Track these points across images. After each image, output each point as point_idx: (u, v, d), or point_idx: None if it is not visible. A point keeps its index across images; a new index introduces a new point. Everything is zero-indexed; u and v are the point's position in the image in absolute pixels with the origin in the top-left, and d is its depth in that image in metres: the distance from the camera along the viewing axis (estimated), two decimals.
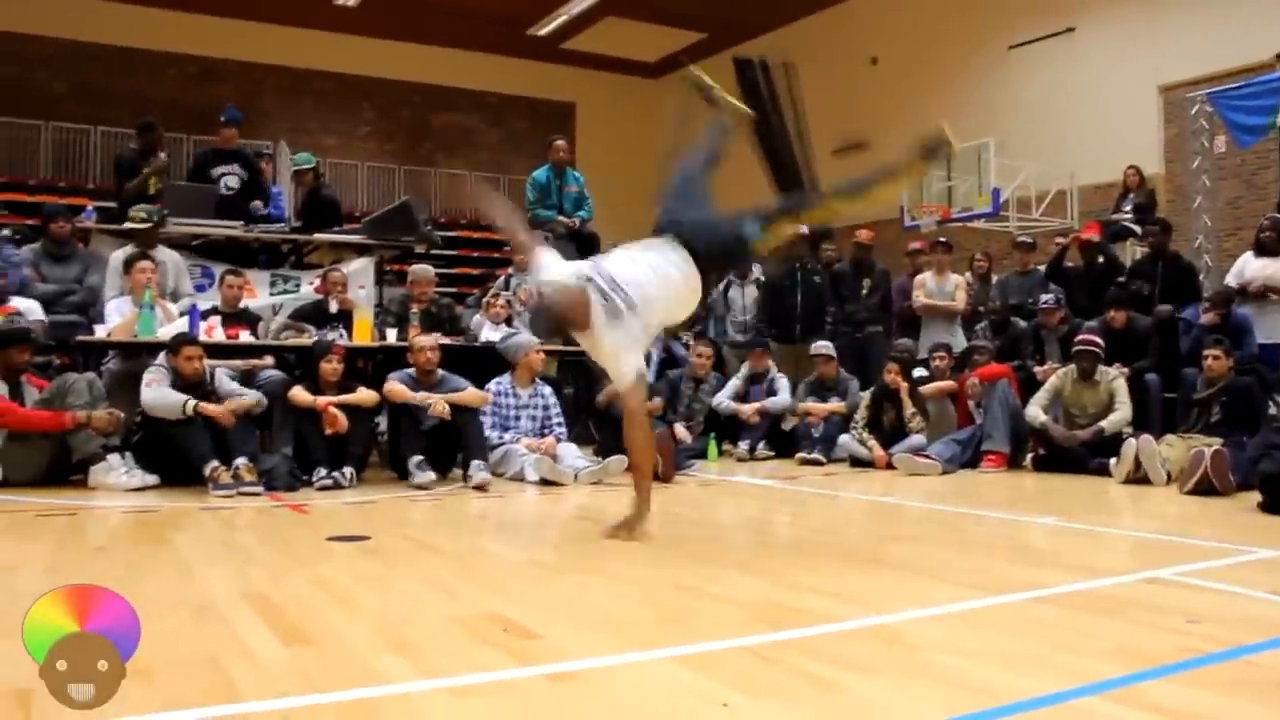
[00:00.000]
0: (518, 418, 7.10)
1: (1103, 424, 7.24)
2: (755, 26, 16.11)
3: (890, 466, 7.48)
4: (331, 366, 6.42)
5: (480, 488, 6.10)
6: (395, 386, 6.49)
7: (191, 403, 5.84)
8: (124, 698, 2.11)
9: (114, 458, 5.94)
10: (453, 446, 6.53)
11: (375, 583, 3.42)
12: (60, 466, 6.12)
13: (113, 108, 15.52)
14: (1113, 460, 6.83)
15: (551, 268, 4.40)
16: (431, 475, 6.21)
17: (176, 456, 5.90)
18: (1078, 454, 7.23)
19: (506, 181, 17.49)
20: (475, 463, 6.29)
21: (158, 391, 5.89)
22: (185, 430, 5.86)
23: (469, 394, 6.61)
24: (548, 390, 7.29)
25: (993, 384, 7.73)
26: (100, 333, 6.84)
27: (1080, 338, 7.60)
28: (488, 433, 6.99)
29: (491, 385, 7.11)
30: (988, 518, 5.25)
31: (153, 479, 5.91)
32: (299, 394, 6.31)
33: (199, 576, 3.48)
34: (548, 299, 4.32)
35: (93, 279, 7.72)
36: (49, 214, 8.00)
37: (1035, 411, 7.45)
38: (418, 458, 6.27)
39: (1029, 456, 7.64)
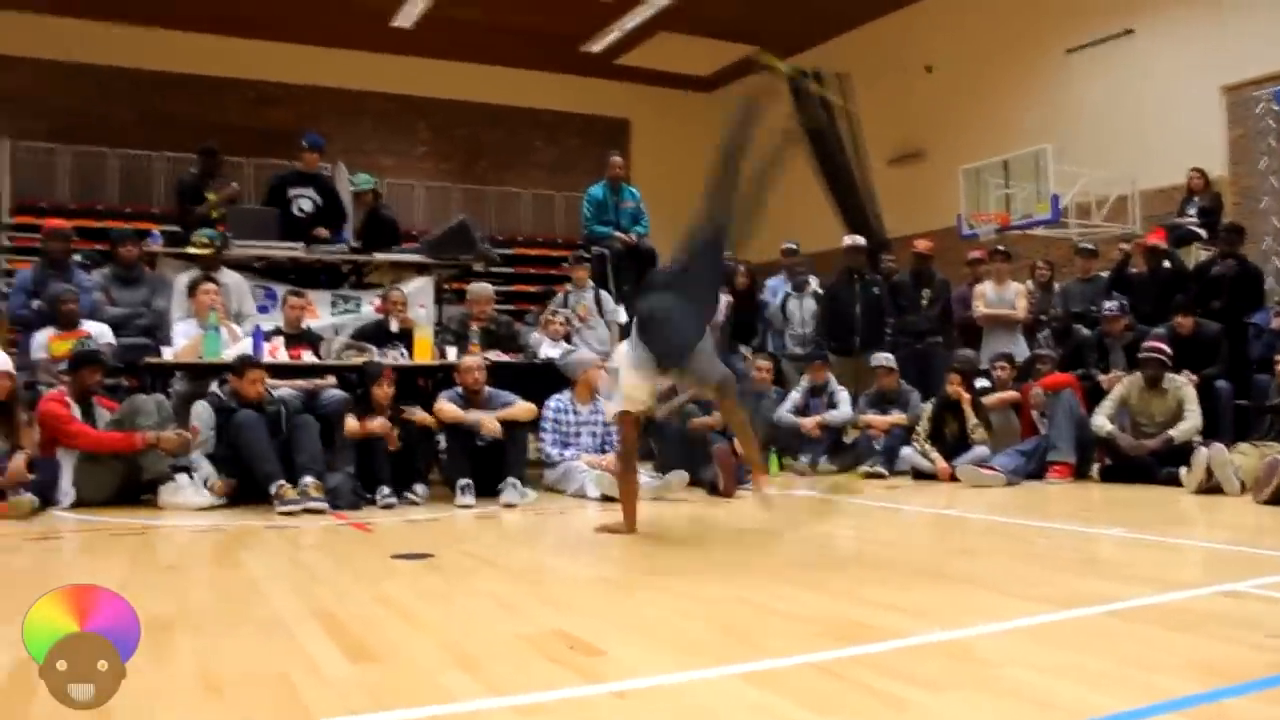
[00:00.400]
0: (578, 434, 7.12)
1: (1172, 433, 7.10)
2: (808, 38, 16.06)
3: (954, 478, 7.39)
4: (383, 390, 6.51)
5: (509, 506, 6.14)
6: (445, 406, 6.55)
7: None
8: (196, 714, 2.15)
9: (182, 477, 6.05)
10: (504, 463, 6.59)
11: (439, 600, 3.44)
12: (131, 486, 6.25)
13: (176, 133, 15.80)
14: (1183, 470, 6.69)
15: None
16: (471, 500, 6.22)
17: (247, 473, 6.02)
18: (1146, 464, 7.09)
19: (562, 198, 17.59)
20: (510, 480, 6.34)
21: None
22: (254, 448, 5.96)
23: (518, 409, 6.68)
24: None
25: (1057, 394, 7.61)
26: (167, 355, 6.97)
27: (1146, 344, 7.46)
28: (548, 449, 7.02)
29: (551, 402, 7.15)
30: (1055, 530, 5.16)
31: (218, 499, 6.00)
32: (351, 424, 6.41)
33: (267, 594, 3.52)
34: None
35: (159, 302, 7.87)
36: (117, 239, 8.18)
37: (1101, 421, 7.33)
38: (464, 481, 6.31)
39: (1095, 467, 7.50)
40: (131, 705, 2.19)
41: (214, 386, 6.74)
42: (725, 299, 9.63)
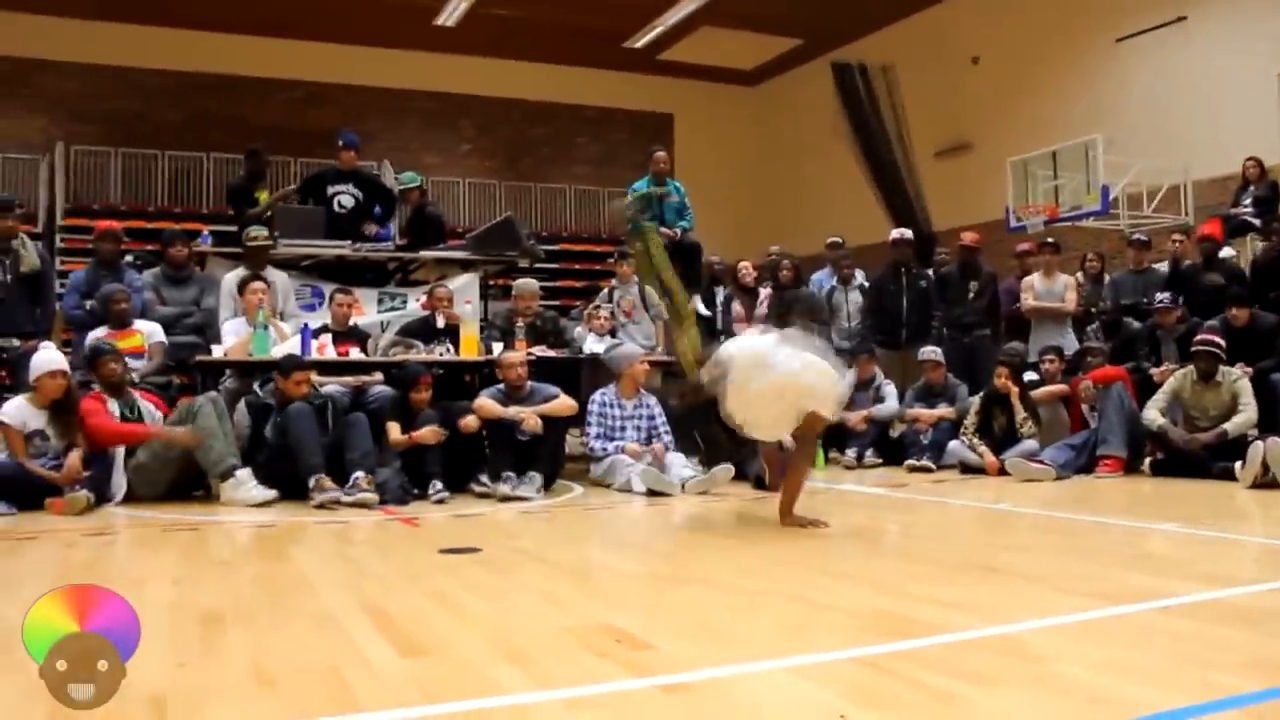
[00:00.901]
0: (623, 428, 7.12)
1: (1226, 426, 6.97)
2: (853, 30, 15.95)
3: (1003, 472, 7.31)
4: (420, 396, 6.61)
5: (522, 499, 6.19)
6: (486, 402, 6.60)
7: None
8: (250, 707, 2.18)
9: (243, 473, 6.12)
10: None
11: (487, 594, 3.46)
12: (183, 483, 6.37)
13: (223, 134, 16.01)
14: (1238, 464, 6.57)
15: None
16: (509, 490, 6.27)
17: (293, 471, 6.11)
18: (1199, 458, 6.97)
19: (606, 194, 17.60)
20: (530, 474, 6.38)
21: None
22: (302, 440, 6.10)
23: (558, 404, 6.71)
24: (653, 401, 7.30)
25: (1107, 387, 7.51)
26: (217, 353, 7.06)
27: (1200, 337, 7.34)
28: (593, 443, 7.04)
29: (596, 396, 7.16)
30: (1106, 524, 5.09)
31: (273, 493, 6.09)
32: (395, 434, 6.49)
33: (317, 589, 3.56)
34: None
35: (209, 301, 7.97)
36: (167, 239, 8.29)
37: (1153, 415, 7.22)
38: (507, 473, 6.36)
39: (1146, 461, 7.39)
40: (185, 698, 2.23)
41: (255, 386, 6.80)
42: (767, 291, 9.61)
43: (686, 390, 6.34)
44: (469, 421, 6.54)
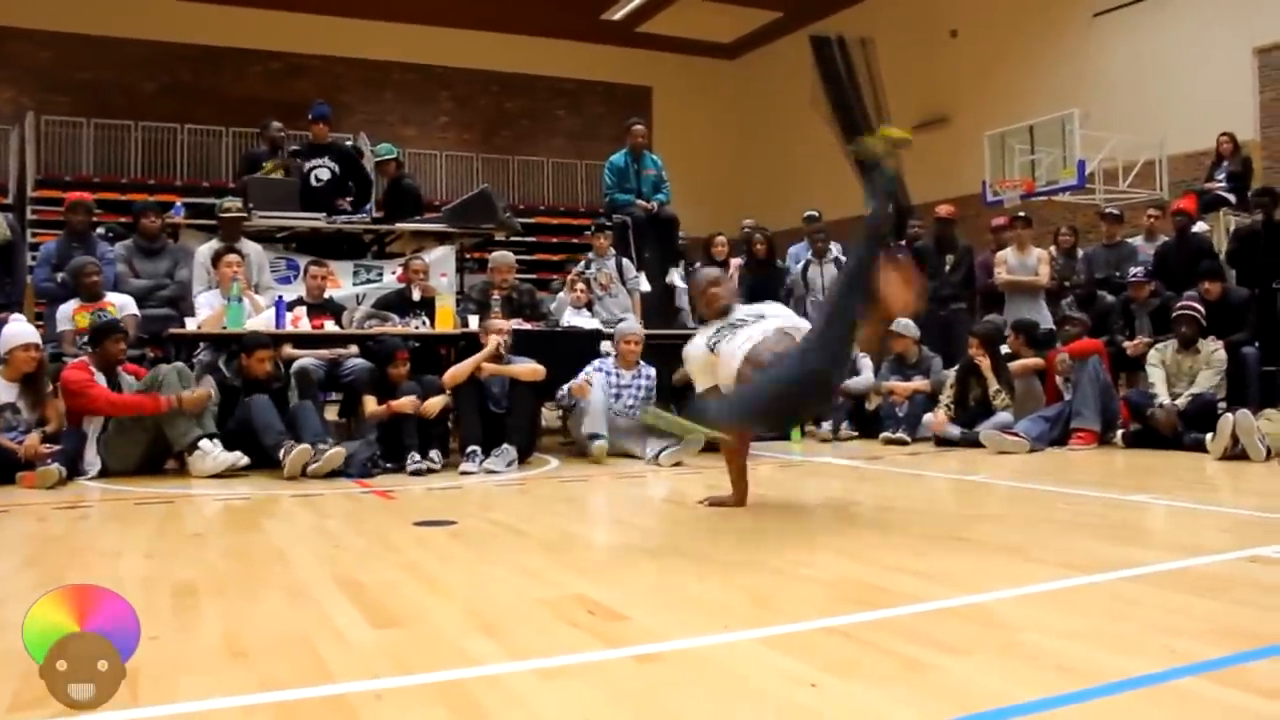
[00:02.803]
0: (618, 395, 7.23)
1: (1194, 390, 7.08)
2: (831, 3, 15.92)
3: (956, 442, 7.39)
4: (398, 370, 6.60)
5: (490, 472, 6.19)
6: (455, 368, 6.60)
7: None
8: (222, 678, 2.18)
9: (206, 443, 6.09)
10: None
11: (461, 566, 3.47)
12: (155, 456, 6.34)
13: (199, 106, 15.91)
14: (1208, 436, 6.64)
15: None
16: (475, 467, 6.26)
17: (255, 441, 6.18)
18: (1175, 432, 7.04)
19: (584, 167, 17.55)
20: (505, 447, 6.39)
21: None
22: (264, 425, 6.16)
23: (524, 366, 6.71)
24: (651, 372, 7.43)
25: (1084, 360, 7.55)
26: (191, 325, 7.01)
27: (1181, 304, 7.41)
28: (568, 385, 7.17)
29: (595, 362, 7.34)
30: (1079, 496, 5.14)
31: (241, 456, 6.08)
32: (371, 406, 6.49)
33: (291, 561, 3.55)
34: None
35: (182, 273, 7.91)
36: (139, 210, 8.21)
37: (1164, 398, 7.23)
38: (471, 448, 6.36)
39: (1119, 434, 7.45)
40: (157, 670, 2.22)
41: (220, 363, 6.77)
42: (737, 262, 9.61)
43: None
44: (428, 406, 6.47)
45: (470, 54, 17.87)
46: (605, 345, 7.66)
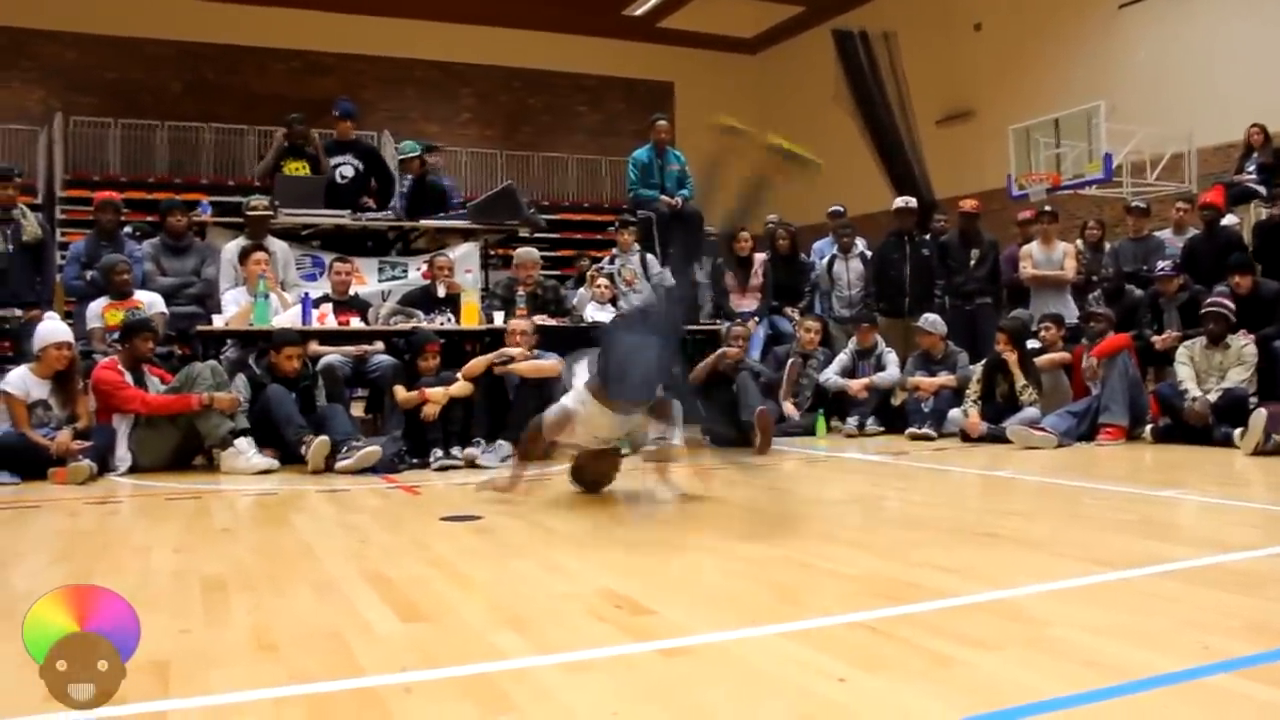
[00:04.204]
0: None
1: (1226, 383, 7.00)
2: None
3: (989, 438, 7.34)
4: (428, 364, 6.61)
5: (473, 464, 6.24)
6: (473, 362, 6.63)
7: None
8: (252, 671, 2.19)
9: (241, 442, 6.14)
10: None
11: (489, 561, 3.47)
12: (185, 452, 6.38)
13: (223, 105, 16.00)
14: (1238, 431, 6.58)
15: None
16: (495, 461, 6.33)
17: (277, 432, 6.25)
18: (1205, 426, 6.98)
19: (606, 163, 17.54)
20: (499, 443, 6.42)
21: None
22: (280, 416, 6.24)
23: (543, 363, 6.69)
24: None
25: (1112, 359, 7.48)
26: (218, 323, 7.06)
27: (1211, 300, 7.34)
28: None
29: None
30: (1107, 491, 5.10)
31: (274, 462, 6.11)
32: (402, 393, 6.50)
33: (319, 556, 3.58)
34: None
35: (209, 270, 7.96)
36: (166, 209, 8.26)
37: (1191, 386, 7.16)
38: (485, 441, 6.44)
39: (1147, 428, 7.39)
40: (188, 663, 2.24)
41: (250, 360, 6.82)
42: (762, 257, 9.58)
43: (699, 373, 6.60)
44: (457, 389, 6.48)
45: (491, 51, 17.89)
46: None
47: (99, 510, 4.90)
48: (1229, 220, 9.27)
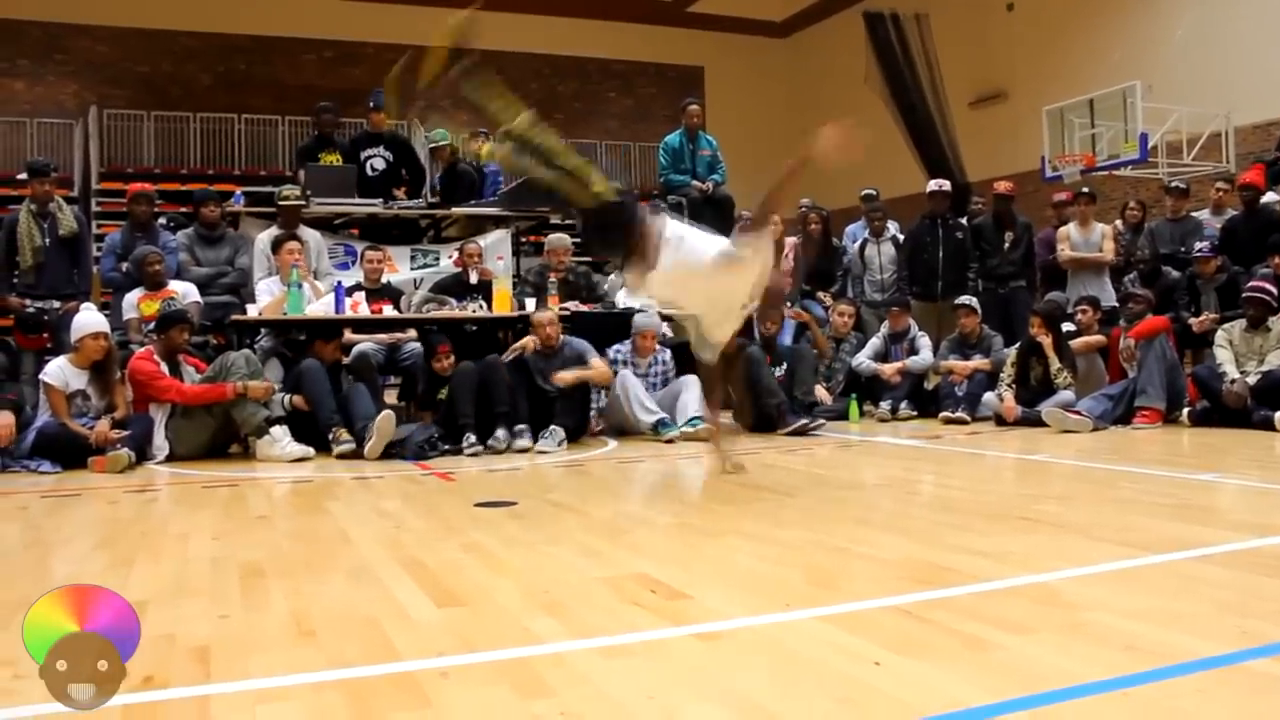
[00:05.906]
0: None
1: (1266, 367, 6.90)
2: None
3: (1023, 421, 7.28)
4: (441, 365, 6.70)
5: (542, 452, 6.31)
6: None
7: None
8: (291, 656, 2.22)
9: (277, 430, 6.20)
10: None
11: (523, 547, 3.49)
12: (222, 440, 6.45)
13: (254, 96, 16.10)
14: (1278, 414, 6.49)
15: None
16: (528, 443, 6.42)
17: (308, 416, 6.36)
18: (1242, 408, 6.89)
19: (637, 149, 17.51)
20: (553, 428, 6.50)
21: None
22: (314, 394, 6.38)
23: (594, 371, 6.83)
24: (667, 355, 7.49)
25: (1150, 340, 7.40)
26: (251, 312, 7.12)
27: (1252, 284, 7.24)
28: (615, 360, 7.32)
29: (611, 351, 7.36)
30: (1144, 475, 5.06)
31: (309, 450, 6.17)
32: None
33: (355, 542, 3.61)
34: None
35: (243, 260, 8.02)
36: (199, 199, 8.33)
37: (1230, 369, 7.07)
38: (521, 425, 6.49)
39: (1184, 411, 7.31)
40: (229, 648, 2.27)
41: (281, 346, 6.90)
42: (793, 241, 9.54)
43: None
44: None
45: (520, 37, 17.85)
46: (664, 328, 7.63)
47: (138, 498, 4.96)
48: (1269, 198, 9.14)
